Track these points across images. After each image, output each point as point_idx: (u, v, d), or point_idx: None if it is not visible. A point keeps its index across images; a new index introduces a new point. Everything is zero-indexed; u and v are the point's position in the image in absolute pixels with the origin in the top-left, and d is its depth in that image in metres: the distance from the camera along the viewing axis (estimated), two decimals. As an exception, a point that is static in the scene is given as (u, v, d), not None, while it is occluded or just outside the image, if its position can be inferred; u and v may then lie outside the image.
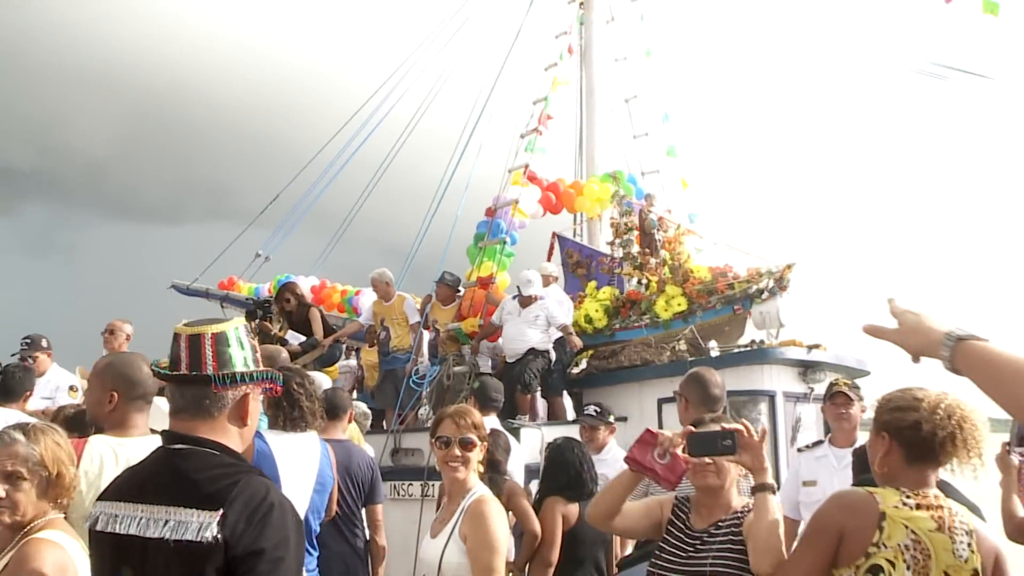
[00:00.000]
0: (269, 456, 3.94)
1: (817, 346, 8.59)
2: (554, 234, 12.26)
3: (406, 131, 13.18)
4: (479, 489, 3.52)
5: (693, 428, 3.17)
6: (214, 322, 2.35)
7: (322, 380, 6.42)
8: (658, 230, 10.29)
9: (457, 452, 3.51)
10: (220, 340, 2.29)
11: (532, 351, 9.02)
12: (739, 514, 3.21)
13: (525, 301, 9.23)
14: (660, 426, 8.56)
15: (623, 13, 13.28)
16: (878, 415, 2.71)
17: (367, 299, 11.73)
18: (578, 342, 9.05)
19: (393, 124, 13.40)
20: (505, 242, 10.45)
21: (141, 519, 2.14)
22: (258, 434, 3.99)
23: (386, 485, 7.93)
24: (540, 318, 9.09)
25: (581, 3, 12.76)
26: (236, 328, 2.34)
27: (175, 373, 2.28)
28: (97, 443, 3.17)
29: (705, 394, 4.25)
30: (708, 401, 4.25)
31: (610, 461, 6.36)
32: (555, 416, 9.30)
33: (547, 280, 9.83)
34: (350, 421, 6.06)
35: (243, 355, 2.32)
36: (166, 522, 2.09)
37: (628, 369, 9.33)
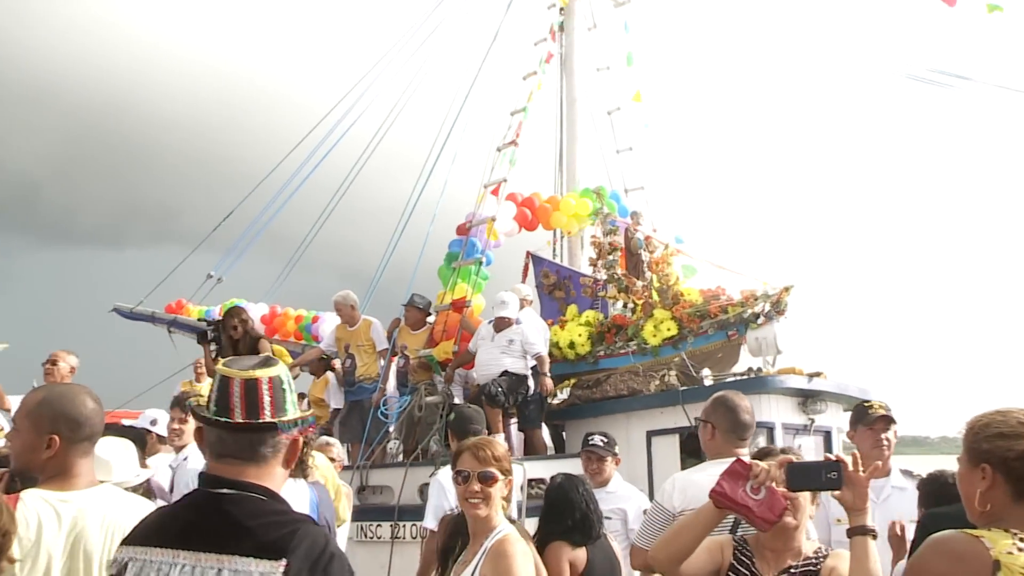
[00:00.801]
0: None
1: (818, 374, 8.77)
2: (528, 253, 12.36)
3: (370, 147, 13.35)
4: (504, 528, 3.52)
5: (793, 458, 3.03)
6: (263, 365, 2.41)
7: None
8: (644, 250, 10.45)
9: (477, 488, 3.54)
10: (276, 385, 2.36)
11: (505, 373, 9.08)
12: (812, 561, 3.14)
13: (500, 324, 9.28)
14: (650, 462, 8.78)
15: (606, 20, 13.55)
16: (973, 443, 2.49)
17: (328, 325, 11.75)
18: (550, 385, 9.11)
19: (356, 140, 13.57)
20: (480, 262, 10.55)
21: (186, 567, 2.14)
22: None
23: (352, 525, 8.05)
24: (515, 343, 9.13)
25: (562, 8, 13.00)
26: (284, 371, 2.42)
27: (229, 420, 2.30)
28: (32, 500, 2.80)
29: (735, 420, 4.21)
30: (738, 428, 4.22)
31: (617, 496, 6.38)
32: (533, 450, 9.33)
33: (521, 304, 9.88)
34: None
35: (292, 398, 2.41)
36: (219, 571, 2.12)
37: (614, 400, 9.38)
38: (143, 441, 5.74)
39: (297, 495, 4.36)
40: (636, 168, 13.17)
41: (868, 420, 5.04)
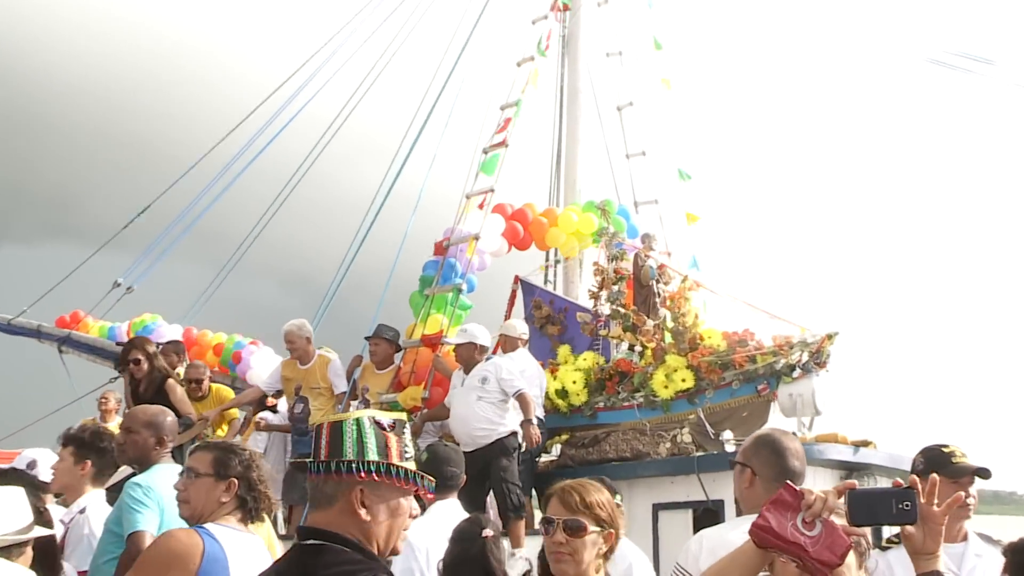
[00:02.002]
0: (222, 561, 3.98)
1: (866, 443, 8.67)
2: (517, 279, 12.29)
3: (330, 130, 13.17)
4: None
5: (855, 484, 2.85)
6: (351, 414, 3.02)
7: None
8: (657, 281, 10.41)
9: (562, 539, 3.57)
10: (335, 430, 2.93)
11: (500, 444, 8.89)
12: None
13: (462, 356, 9.26)
14: (656, 542, 8.66)
15: (621, -8, 13.43)
16: None
17: (260, 362, 11.64)
18: (536, 435, 8.94)
19: (312, 120, 13.37)
20: (460, 289, 10.46)
21: None
22: (209, 533, 4.06)
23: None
24: (489, 382, 8.96)
25: (567, -25, 12.90)
26: (360, 419, 2.96)
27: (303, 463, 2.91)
28: None
29: (782, 466, 4.10)
30: (785, 476, 4.00)
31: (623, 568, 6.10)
32: (518, 542, 8.91)
33: (513, 343, 9.73)
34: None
35: (360, 444, 2.90)
36: None
37: (614, 463, 9.30)
38: (34, 486, 5.31)
39: (256, 552, 4.26)
40: (650, 177, 13.20)
41: (951, 471, 4.66)
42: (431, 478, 2.98)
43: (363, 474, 2.85)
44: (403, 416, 3.05)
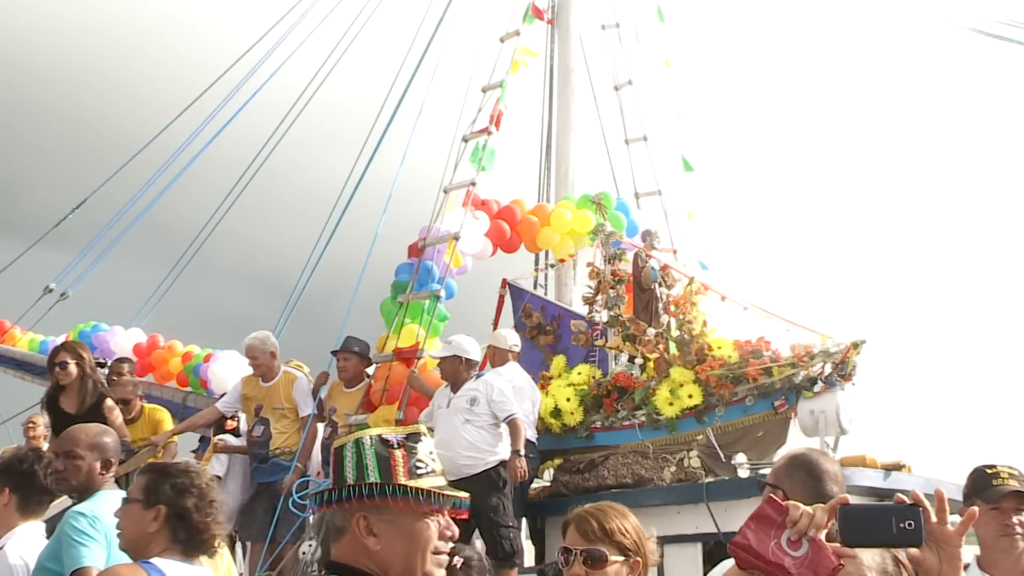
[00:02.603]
0: None
1: (899, 466, 8.57)
2: (505, 282, 12.25)
3: (293, 112, 13.05)
4: None
5: (848, 499, 2.75)
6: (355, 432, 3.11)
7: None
8: (661, 284, 10.31)
9: (580, 571, 3.64)
10: (337, 455, 2.93)
11: (488, 476, 8.79)
12: None
13: (447, 372, 9.18)
14: (661, 585, 8.63)
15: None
16: None
17: (225, 367, 11.61)
18: (522, 469, 8.82)
19: (273, 100, 13.26)
20: (438, 296, 10.36)
21: None
22: (156, 568, 4.00)
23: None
24: (479, 403, 8.92)
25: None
26: (361, 439, 2.92)
27: None
28: None
29: (819, 490, 4.01)
30: (820, 500, 3.93)
31: None
32: None
33: (503, 356, 9.75)
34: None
35: (360, 467, 2.88)
36: None
37: (614, 490, 9.25)
38: None
39: None
40: (652, 165, 13.15)
41: (993, 495, 4.57)
42: (460, 494, 2.91)
43: (355, 500, 2.82)
44: (419, 428, 2.98)
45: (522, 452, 8.80)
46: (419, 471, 2.88)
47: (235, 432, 10.77)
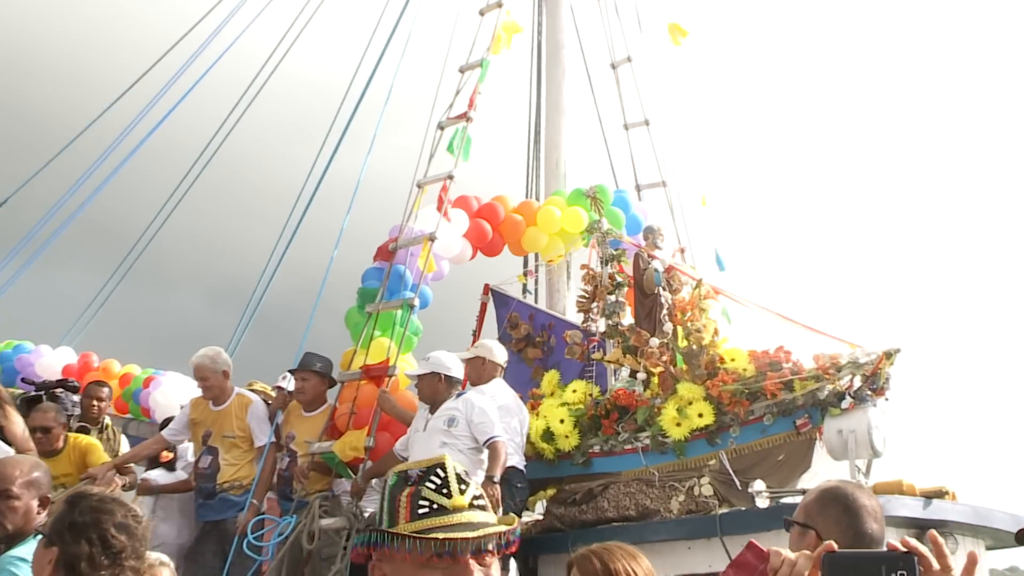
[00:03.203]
0: None
1: (941, 493, 8.46)
2: (487, 288, 12.26)
3: (245, 99, 12.95)
4: None
5: (834, 546, 2.80)
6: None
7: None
8: (665, 288, 10.30)
9: None
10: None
11: None
12: None
13: (426, 392, 9.13)
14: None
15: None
16: None
17: (170, 393, 11.52)
18: (494, 498, 8.67)
19: (224, 87, 13.18)
20: (412, 305, 10.22)
21: None
22: None
23: None
24: (457, 424, 8.83)
25: None
26: (395, 475, 2.90)
27: None
28: None
29: (856, 529, 4.01)
30: (860, 541, 4.03)
31: None
32: None
33: (491, 370, 9.57)
34: None
35: (381, 510, 2.84)
36: None
37: (615, 525, 9.26)
38: None
39: None
40: (655, 153, 13.21)
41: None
42: (492, 530, 2.76)
43: (370, 548, 2.79)
44: (441, 458, 2.93)
45: (496, 479, 8.66)
46: (421, 510, 2.78)
47: (170, 465, 10.70)
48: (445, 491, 2.80)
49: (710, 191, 12.95)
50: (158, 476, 10.50)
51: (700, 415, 9.48)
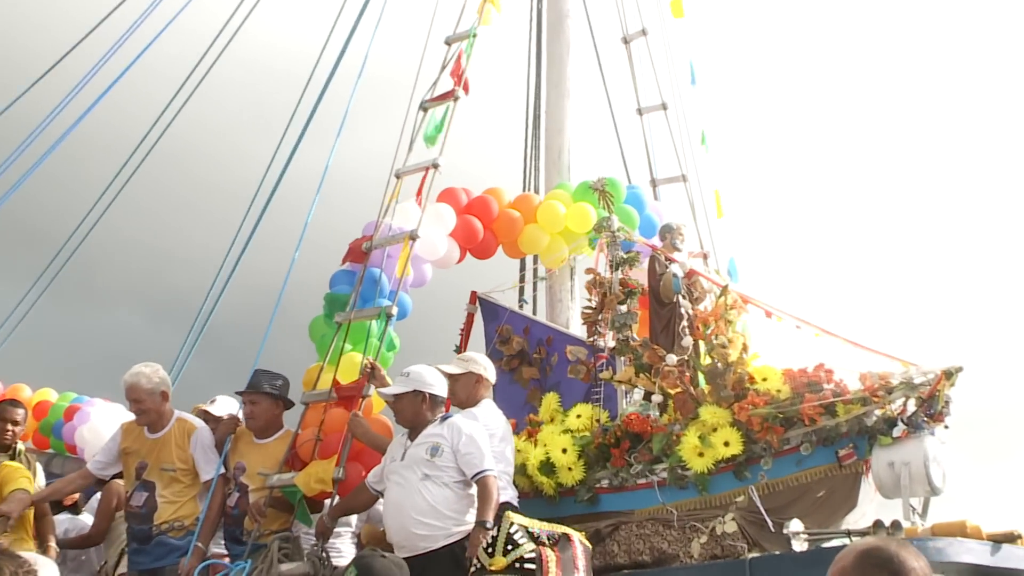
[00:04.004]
0: None
1: (1013, 537, 8.35)
2: (475, 296, 12.27)
3: (194, 76, 12.95)
4: None
5: None
6: None
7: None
8: (685, 297, 10.42)
9: None
10: None
11: (452, 552, 8.44)
12: None
13: (411, 412, 8.90)
14: None
15: None
16: None
17: (100, 424, 11.49)
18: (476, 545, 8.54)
19: (170, 63, 13.22)
20: (389, 315, 10.11)
21: None
22: None
23: None
24: (442, 454, 8.62)
25: None
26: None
27: None
28: None
29: None
30: None
31: None
32: None
33: (478, 390, 9.45)
34: None
35: None
36: None
37: (626, 573, 9.29)
38: None
39: None
40: (675, 142, 13.21)
41: None
42: None
43: None
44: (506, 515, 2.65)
45: (489, 523, 8.30)
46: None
47: (74, 508, 10.72)
48: (490, 550, 2.59)
49: (729, 189, 13.01)
50: (62, 522, 10.40)
51: (726, 444, 9.31)
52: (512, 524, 7.10)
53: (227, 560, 9.71)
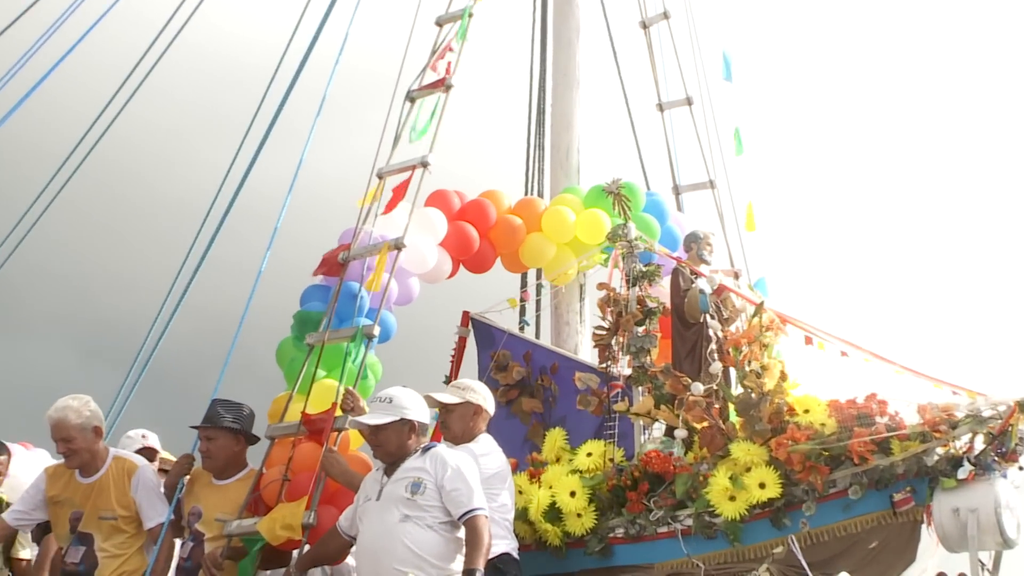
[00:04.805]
0: None
1: None
2: (467, 317, 12.26)
3: (138, 70, 12.84)
4: None
5: None
6: None
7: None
8: (714, 316, 10.54)
9: None
10: None
11: None
12: None
13: (379, 448, 8.75)
14: None
15: None
16: None
17: (21, 475, 11.17)
18: None
19: (113, 53, 13.17)
20: (369, 336, 10.09)
21: None
22: None
23: None
24: (424, 491, 8.45)
25: None
26: None
27: None
28: None
29: None
30: None
31: None
32: None
33: (477, 423, 9.32)
34: None
35: None
36: None
37: None
38: None
39: None
40: (701, 142, 13.26)
41: None
42: None
43: None
44: None
45: (480, 571, 8.24)
46: None
47: None
48: None
49: (764, 199, 12.88)
50: None
51: (761, 486, 9.21)
52: None
53: None
